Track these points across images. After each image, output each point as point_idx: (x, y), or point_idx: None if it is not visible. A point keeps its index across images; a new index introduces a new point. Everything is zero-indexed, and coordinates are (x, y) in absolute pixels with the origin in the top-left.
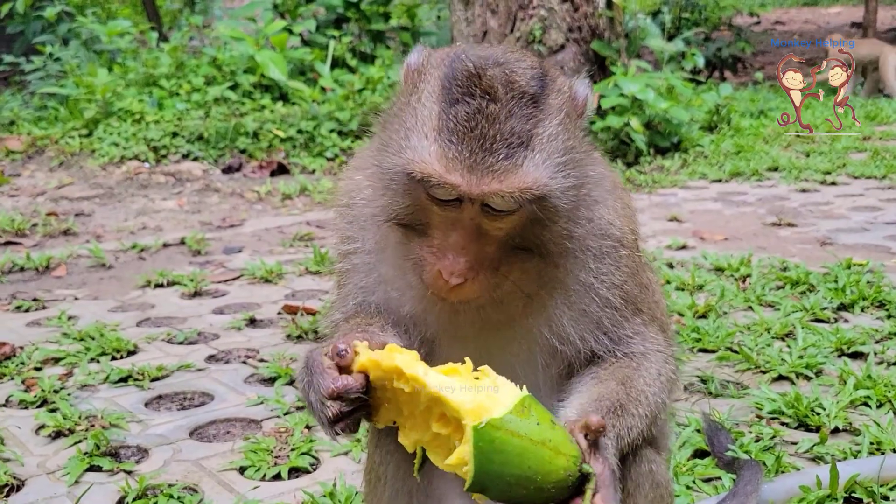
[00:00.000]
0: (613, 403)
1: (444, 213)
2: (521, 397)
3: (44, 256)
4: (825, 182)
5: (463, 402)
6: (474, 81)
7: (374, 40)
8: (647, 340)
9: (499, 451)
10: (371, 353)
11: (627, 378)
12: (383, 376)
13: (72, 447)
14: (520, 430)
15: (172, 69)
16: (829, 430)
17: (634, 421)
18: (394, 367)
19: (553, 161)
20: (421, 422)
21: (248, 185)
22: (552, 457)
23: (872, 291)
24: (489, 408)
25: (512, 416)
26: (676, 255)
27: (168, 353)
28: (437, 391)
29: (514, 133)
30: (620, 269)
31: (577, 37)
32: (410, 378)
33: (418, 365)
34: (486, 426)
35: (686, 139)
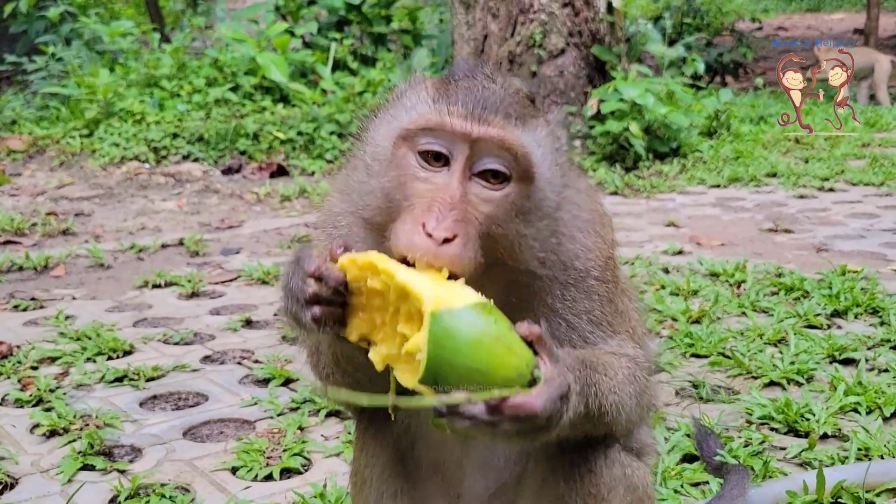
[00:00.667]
0: (582, 357)
1: (433, 181)
2: (483, 301)
3: (42, 256)
4: (823, 188)
5: (425, 291)
6: (476, 68)
7: (376, 43)
8: (622, 348)
9: (453, 337)
10: (350, 254)
11: (594, 351)
12: (359, 275)
13: (66, 446)
14: (475, 323)
15: (174, 70)
16: (818, 435)
17: (601, 380)
18: (368, 262)
19: (542, 146)
20: (391, 332)
21: (247, 186)
22: (505, 354)
23: (866, 298)
24: (450, 299)
25: (471, 310)
26: (672, 261)
27: (164, 354)
28: (404, 282)
29: (511, 107)
30: (591, 297)
31: (578, 41)
32: (382, 271)
33: (391, 261)
34: (443, 313)
35: (685, 144)
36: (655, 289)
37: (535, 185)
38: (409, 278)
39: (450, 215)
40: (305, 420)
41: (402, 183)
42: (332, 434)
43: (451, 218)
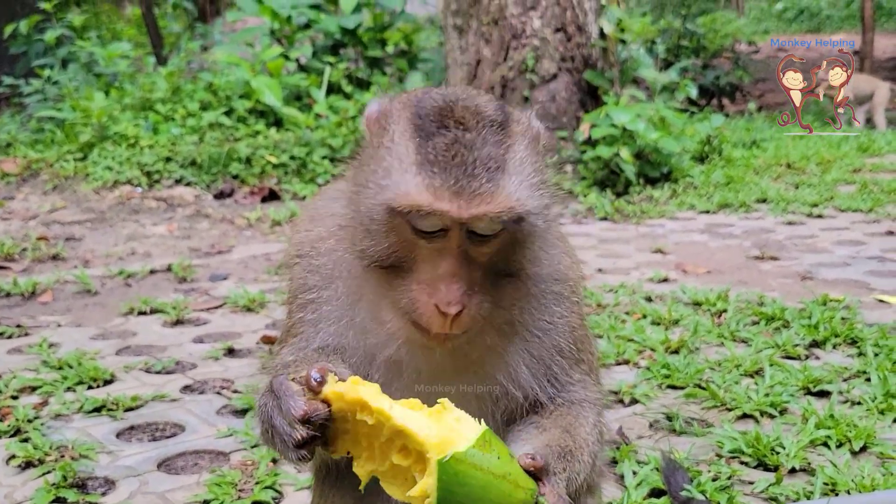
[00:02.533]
0: (563, 449)
1: (431, 246)
2: (483, 431)
3: (30, 282)
4: (812, 215)
5: (428, 436)
6: (446, 114)
7: (371, 66)
8: (587, 389)
9: (462, 483)
10: (335, 385)
11: (570, 426)
12: (346, 408)
13: (40, 478)
14: (482, 464)
15: (169, 94)
16: (787, 470)
17: (581, 466)
18: (358, 398)
19: (527, 182)
20: (379, 453)
21: (238, 210)
22: (512, 490)
23: (845, 328)
24: (453, 441)
25: (475, 451)
26: (657, 289)
27: (144, 383)
28: (402, 424)
29: (490, 158)
30: (573, 314)
31: (570, 66)
32: (375, 411)
33: (382, 398)
34: (451, 460)
35: (676, 169)
36: (637, 318)
37: (532, 218)
38: (408, 420)
39: (455, 288)
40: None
41: (403, 248)
42: (305, 467)
43: (458, 291)
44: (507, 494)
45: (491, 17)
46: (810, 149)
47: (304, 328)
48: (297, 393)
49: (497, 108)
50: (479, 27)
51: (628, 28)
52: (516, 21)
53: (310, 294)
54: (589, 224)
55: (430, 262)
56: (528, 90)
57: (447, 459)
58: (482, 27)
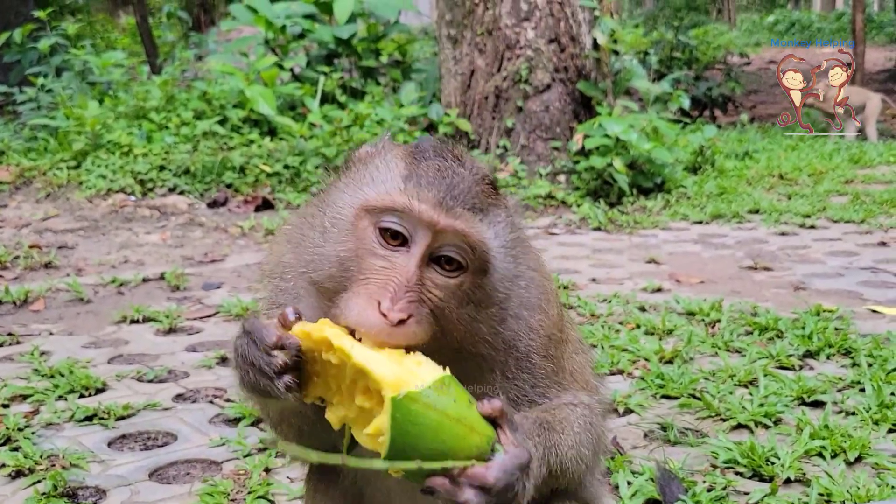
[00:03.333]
0: (540, 420)
1: (390, 260)
2: (442, 376)
3: (22, 290)
4: (804, 225)
5: (385, 375)
6: (444, 148)
7: (365, 76)
8: (574, 397)
9: (415, 422)
10: (303, 324)
11: (550, 408)
12: (313, 347)
13: (30, 487)
14: (437, 405)
15: (163, 102)
16: (782, 480)
17: (560, 440)
18: (323, 338)
19: (503, 240)
20: (347, 396)
21: (232, 219)
22: (466, 433)
23: (839, 339)
24: (409, 381)
25: (430, 391)
26: (650, 299)
27: (136, 392)
28: (361, 362)
29: (476, 198)
30: (535, 374)
31: (564, 77)
32: (338, 349)
33: (346, 337)
34: (405, 398)
35: (669, 180)
36: (630, 328)
37: (488, 277)
38: (367, 359)
39: (405, 297)
40: (272, 461)
41: (358, 255)
42: (298, 476)
43: (406, 299)
44: (462, 437)
45: (485, 27)
46: (802, 160)
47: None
48: (270, 325)
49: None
50: (473, 37)
51: (621, 39)
52: (510, 32)
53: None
54: (582, 234)
55: (383, 273)
56: (521, 100)
57: (401, 397)
58: (476, 37)
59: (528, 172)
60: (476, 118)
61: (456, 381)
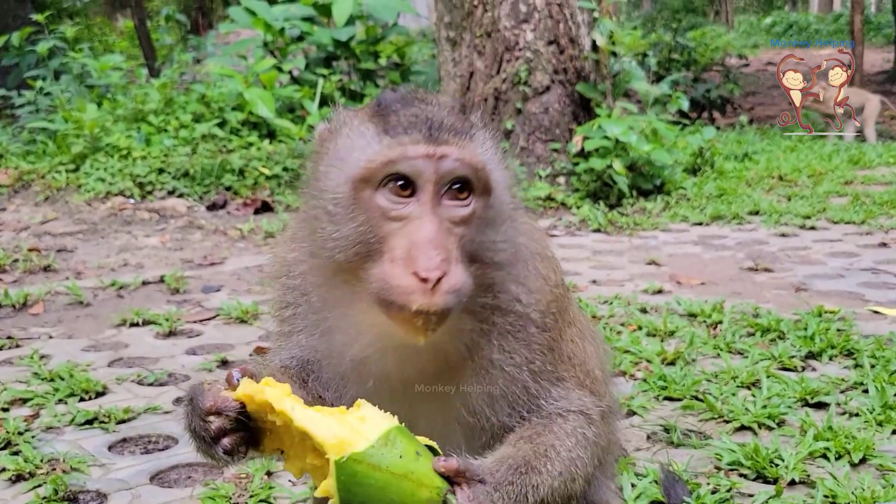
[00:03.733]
0: (517, 462)
1: (402, 214)
2: (387, 430)
3: (21, 293)
4: (804, 226)
5: (326, 437)
6: (408, 96)
7: (364, 79)
8: (569, 402)
9: (361, 483)
10: (247, 387)
11: (536, 434)
12: (258, 409)
13: (31, 491)
14: (381, 464)
15: (161, 105)
16: (786, 482)
17: (542, 478)
18: (264, 401)
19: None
20: (300, 451)
21: (231, 222)
22: (414, 489)
23: (841, 340)
24: (352, 441)
25: (373, 450)
26: (651, 300)
27: (137, 395)
28: (302, 426)
29: (458, 124)
30: (531, 346)
31: (563, 79)
32: (279, 413)
33: (286, 400)
34: (348, 460)
35: (669, 182)
36: (632, 329)
37: (493, 195)
38: (308, 421)
39: (434, 253)
40: (274, 464)
41: (373, 225)
42: (300, 480)
43: (437, 256)
44: (410, 493)
45: (484, 29)
46: (802, 161)
47: (280, 342)
48: (207, 391)
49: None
50: (473, 39)
51: (620, 41)
52: (509, 34)
53: (287, 311)
54: (582, 236)
55: (402, 236)
56: (520, 102)
57: (344, 460)
58: (475, 39)
59: (527, 174)
60: None
61: (404, 432)
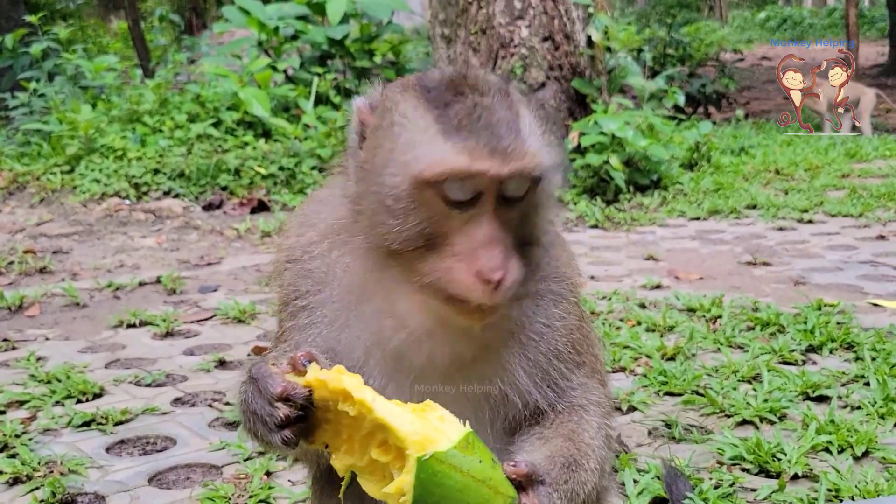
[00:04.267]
0: (567, 459)
1: (464, 216)
2: (466, 433)
3: (17, 295)
4: (802, 220)
5: (409, 433)
6: (459, 82)
7: (359, 77)
8: (589, 392)
9: (440, 484)
10: (318, 372)
11: (573, 433)
12: (328, 397)
13: (28, 494)
14: (462, 466)
15: (156, 106)
16: (789, 476)
17: (587, 475)
18: (341, 388)
19: (543, 140)
20: (359, 447)
21: (228, 222)
22: (490, 496)
23: (841, 333)
24: (435, 440)
25: (456, 451)
26: (650, 296)
27: (134, 396)
28: (384, 418)
29: (509, 119)
30: (571, 315)
31: (558, 75)
32: (358, 402)
33: (366, 390)
34: (431, 458)
35: (666, 177)
36: (631, 325)
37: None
38: (390, 414)
39: (496, 253)
40: (273, 465)
41: (436, 222)
42: (300, 479)
43: (499, 256)
44: (486, 499)
45: (479, 26)
46: (798, 155)
47: (295, 335)
48: (276, 374)
49: (497, 77)
50: (467, 37)
51: (615, 37)
52: (504, 30)
53: (302, 300)
54: (580, 232)
55: (464, 234)
56: None
57: (427, 458)
58: (470, 37)
59: None
60: None
61: (479, 440)
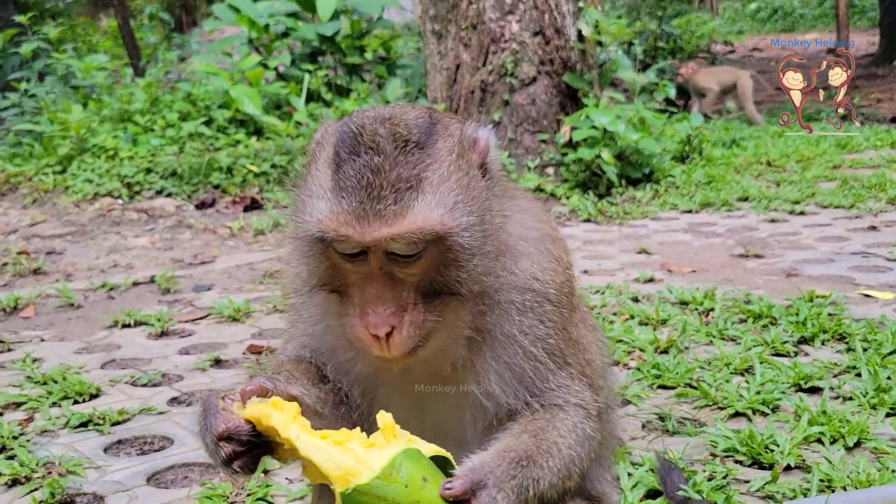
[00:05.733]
0: (519, 455)
1: (357, 269)
2: (392, 458)
3: (12, 297)
4: (794, 212)
5: (331, 468)
6: (358, 140)
7: (350, 73)
8: (570, 394)
9: None
10: (254, 409)
11: (540, 430)
12: (266, 431)
13: (27, 495)
14: (387, 494)
15: (147, 105)
16: (782, 467)
17: (542, 472)
18: (271, 426)
19: (447, 200)
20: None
21: (221, 220)
22: None
23: (833, 324)
24: (356, 472)
25: (378, 481)
26: (643, 289)
27: (131, 396)
28: (307, 455)
29: (401, 179)
30: (545, 323)
31: (549, 69)
32: (285, 440)
33: (292, 427)
34: (353, 492)
35: (658, 170)
36: (624, 319)
37: (453, 238)
38: (312, 450)
39: (381, 310)
40: (270, 463)
41: (335, 270)
42: (297, 477)
43: (384, 312)
44: None
45: (469, 21)
46: (790, 146)
47: (291, 329)
48: (222, 409)
49: (419, 125)
50: (458, 32)
51: (605, 30)
52: (495, 25)
53: (293, 298)
54: (572, 226)
55: (360, 286)
56: (507, 94)
57: (349, 492)
58: (461, 32)
59: (516, 166)
60: (463, 112)
61: (412, 455)
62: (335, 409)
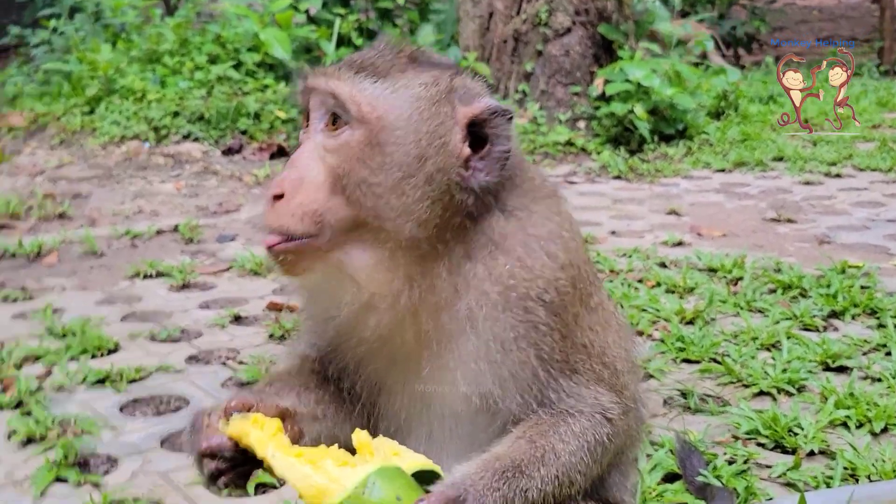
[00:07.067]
0: (505, 465)
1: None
2: (365, 476)
3: (35, 243)
4: (830, 174)
5: (304, 487)
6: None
7: (382, 18)
8: (581, 402)
9: None
10: (235, 426)
11: (539, 435)
12: (248, 447)
13: (42, 454)
14: None
15: (176, 46)
16: (805, 452)
17: (531, 482)
18: (250, 445)
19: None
20: None
21: (247, 167)
22: None
23: (865, 298)
24: (329, 491)
25: (350, 501)
26: (671, 253)
27: (149, 352)
28: (282, 475)
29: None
30: (538, 328)
31: (584, 20)
32: (262, 458)
33: (268, 446)
34: None
35: (692, 126)
36: (650, 286)
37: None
38: (287, 469)
39: (287, 172)
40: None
41: None
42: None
43: (290, 175)
44: None
45: None
46: (827, 104)
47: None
48: (205, 427)
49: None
50: None
51: None
52: None
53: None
54: (602, 183)
55: None
56: (541, 44)
57: None
58: None
59: (547, 118)
60: (495, 62)
61: (387, 473)
62: (337, 412)
